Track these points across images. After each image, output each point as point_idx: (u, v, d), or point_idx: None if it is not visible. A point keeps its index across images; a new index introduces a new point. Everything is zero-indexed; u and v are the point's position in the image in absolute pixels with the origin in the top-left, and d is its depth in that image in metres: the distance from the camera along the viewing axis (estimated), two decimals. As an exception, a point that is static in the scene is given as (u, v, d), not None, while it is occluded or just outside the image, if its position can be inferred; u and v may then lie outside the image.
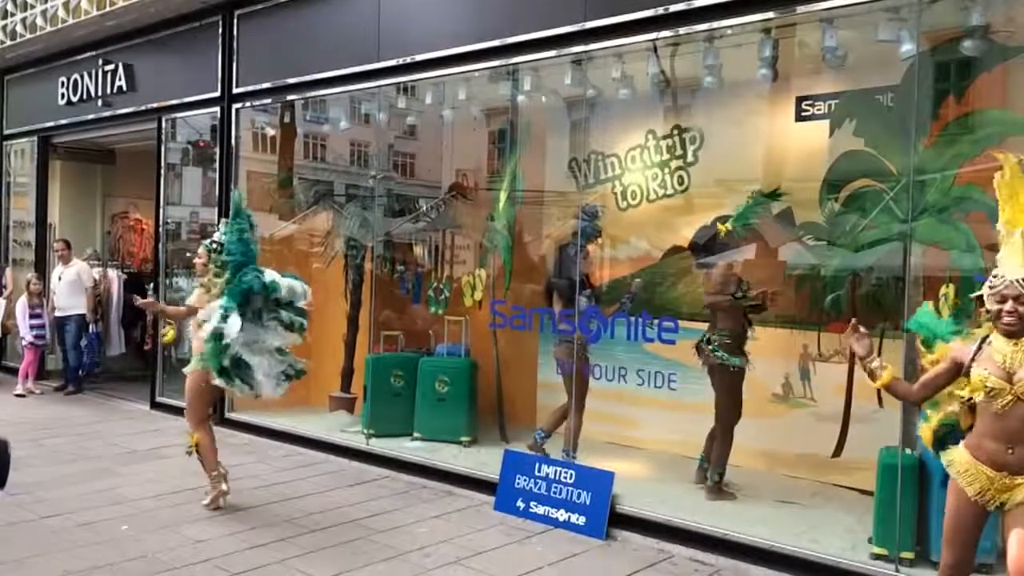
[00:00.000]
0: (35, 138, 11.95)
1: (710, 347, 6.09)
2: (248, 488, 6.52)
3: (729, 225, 6.02)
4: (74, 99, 10.88)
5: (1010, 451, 3.29)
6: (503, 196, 7.61)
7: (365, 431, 7.61)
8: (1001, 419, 3.29)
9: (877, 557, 4.83)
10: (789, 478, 6.46)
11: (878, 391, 5.96)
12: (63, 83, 11.01)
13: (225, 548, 5.15)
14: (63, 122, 11.29)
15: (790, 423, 6.56)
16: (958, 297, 5.22)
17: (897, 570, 4.70)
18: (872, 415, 6.11)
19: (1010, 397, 3.25)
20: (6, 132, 12.50)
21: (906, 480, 4.81)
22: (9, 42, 11.00)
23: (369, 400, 7.74)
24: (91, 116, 10.71)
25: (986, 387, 3.29)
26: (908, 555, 4.75)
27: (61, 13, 9.99)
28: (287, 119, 9.24)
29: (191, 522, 5.66)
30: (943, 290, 5.23)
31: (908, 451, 4.92)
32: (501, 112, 8.07)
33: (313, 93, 8.27)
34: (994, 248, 5.23)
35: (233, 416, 8.68)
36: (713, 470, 6.10)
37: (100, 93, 10.42)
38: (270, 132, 9.50)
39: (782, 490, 6.20)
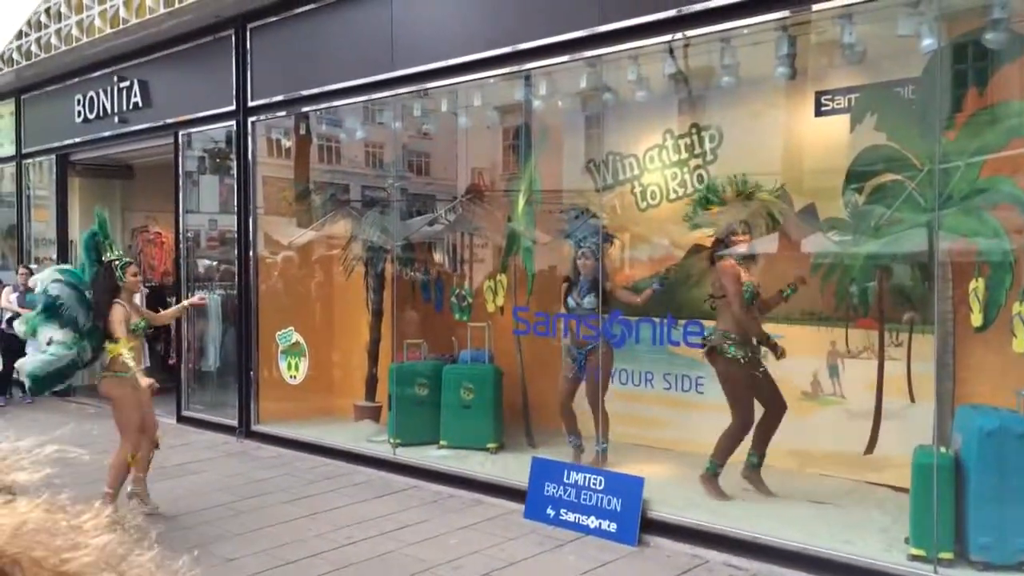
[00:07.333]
0: (53, 156, 12.03)
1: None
2: (278, 503, 6.54)
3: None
4: (91, 116, 10.92)
5: None
6: (521, 200, 7.57)
7: (391, 440, 7.61)
8: None
9: (914, 558, 4.76)
10: (821, 477, 6.39)
11: (910, 386, 6.00)
12: (79, 101, 11.06)
13: (256, 567, 5.16)
14: (80, 140, 11.35)
15: (820, 421, 6.49)
16: (988, 290, 5.20)
17: (935, 571, 4.63)
18: (903, 411, 6.05)
19: None
20: (24, 151, 12.59)
21: (942, 479, 4.73)
22: (24, 62, 11.07)
23: (394, 409, 7.73)
24: (108, 133, 10.76)
25: None
26: (947, 555, 4.68)
27: (75, 32, 10.04)
28: (303, 129, 9.25)
29: (223, 540, 5.68)
30: (972, 285, 5.20)
31: (943, 450, 4.85)
32: (516, 109, 8.01)
33: (328, 104, 8.25)
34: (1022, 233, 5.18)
35: (260, 429, 8.71)
36: (717, 462, 6.02)
37: (116, 110, 10.47)
38: (286, 143, 9.54)
39: (814, 490, 6.13)
